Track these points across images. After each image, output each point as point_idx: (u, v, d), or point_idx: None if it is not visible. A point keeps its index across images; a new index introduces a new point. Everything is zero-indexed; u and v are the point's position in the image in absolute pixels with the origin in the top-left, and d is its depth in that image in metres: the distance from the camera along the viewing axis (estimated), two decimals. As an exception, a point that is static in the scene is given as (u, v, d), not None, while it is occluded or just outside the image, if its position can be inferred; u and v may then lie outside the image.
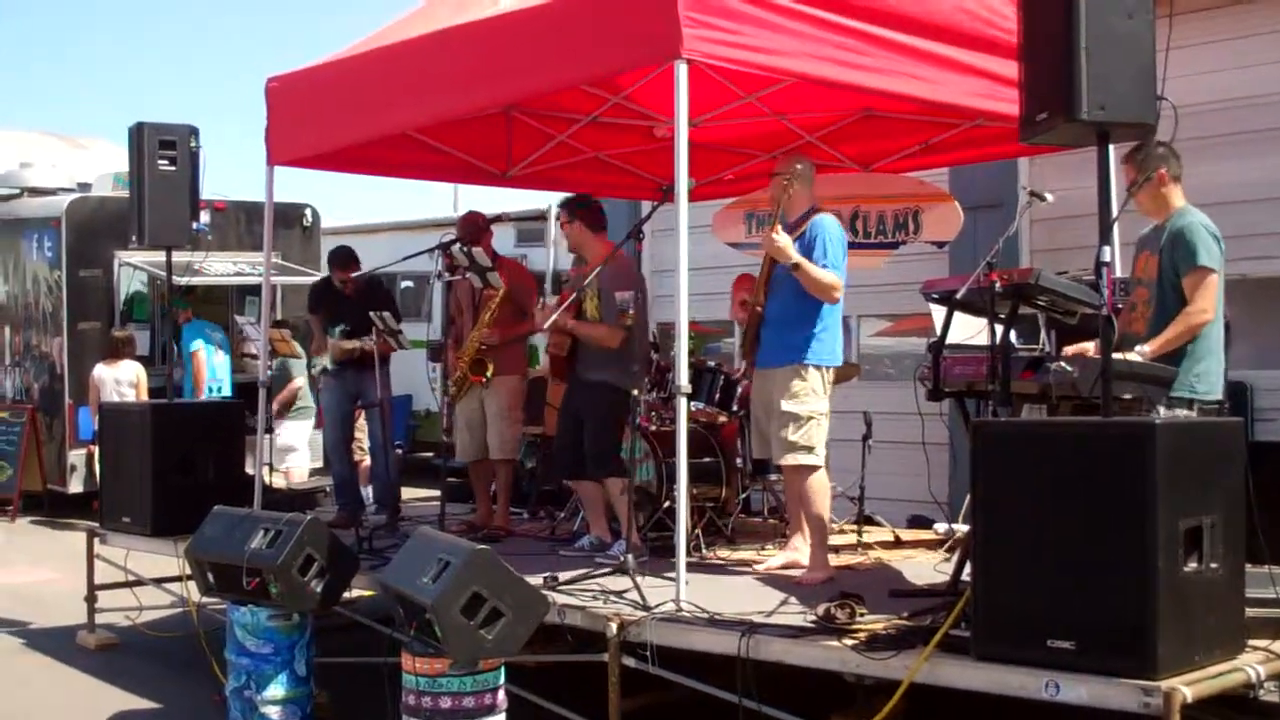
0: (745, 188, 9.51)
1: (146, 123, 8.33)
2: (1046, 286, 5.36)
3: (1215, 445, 4.63)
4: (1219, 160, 8.75)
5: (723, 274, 9.33)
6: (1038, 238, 9.93)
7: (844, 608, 5.26)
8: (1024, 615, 4.48)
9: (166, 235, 8.42)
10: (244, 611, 6.37)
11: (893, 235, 9.09)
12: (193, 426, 8.58)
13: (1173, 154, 5.77)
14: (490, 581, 5.30)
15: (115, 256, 14.05)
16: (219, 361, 13.68)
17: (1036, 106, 4.70)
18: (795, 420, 6.46)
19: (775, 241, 6.34)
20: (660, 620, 5.44)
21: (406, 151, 8.49)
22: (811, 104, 8.12)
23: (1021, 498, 4.55)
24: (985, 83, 6.66)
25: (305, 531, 6.34)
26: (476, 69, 6.67)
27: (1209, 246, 5.65)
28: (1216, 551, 4.44)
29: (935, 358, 5.88)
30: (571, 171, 9.33)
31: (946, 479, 8.21)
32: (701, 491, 7.56)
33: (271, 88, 7.97)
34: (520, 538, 8.11)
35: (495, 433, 8.18)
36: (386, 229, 17.45)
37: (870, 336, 11.76)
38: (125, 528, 8.41)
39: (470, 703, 5.35)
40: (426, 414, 15.84)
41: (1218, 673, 4.39)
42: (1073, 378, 5.08)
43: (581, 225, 7.46)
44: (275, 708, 6.30)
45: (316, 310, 9.22)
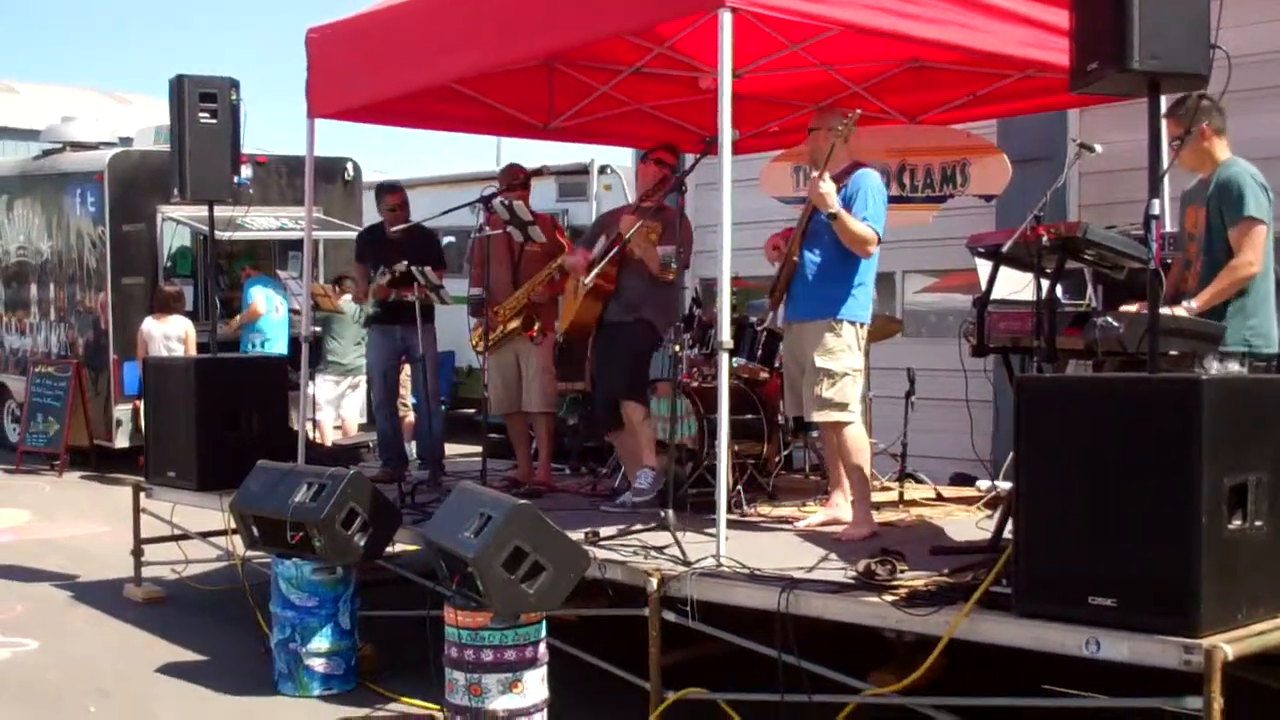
0: (791, 140, 9.40)
1: (187, 75, 8.29)
2: (1094, 240, 5.28)
3: (1263, 401, 4.55)
4: (1271, 112, 8.59)
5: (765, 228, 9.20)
6: (1087, 191, 9.79)
7: (884, 564, 5.24)
8: (1065, 572, 4.44)
9: (208, 189, 8.42)
10: (288, 565, 6.43)
11: (940, 189, 8.98)
12: (237, 381, 8.61)
13: (1216, 107, 5.65)
14: (532, 536, 5.32)
15: (158, 211, 14.09)
16: (278, 318, 13.69)
17: (1087, 56, 4.61)
18: (830, 376, 6.41)
19: (819, 189, 6.27)
20: (700, 575, 5.43)
21: (448, 104, 8.45)
22: (858, 54, 8.01)
23: (1065, 454, 4.50)
24: (1035, 32, 6.56)
25: (348, 486, 6.38)
26: (518, 19, 6.63)
27: (1257, 196, 5.55)
28: (1261, 509, 4.38)
29: (980, 313, 5.82)
30: (614, 123, 9.27)
31: (990, 436, 8.14)
32: (743, 448, 7.54)
33: (312, 39, 7.95)
34: (562, 493, 8.12)
35: (535, 388, 8.18)
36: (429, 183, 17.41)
37: (915, 293, 11.66)
38: (171, 482, 8.47)
39: (512, 655, 5.40)
40: (469, 370, 15.86)
41: (1260, 631, 4.33)
42: (1119, 333, 5.01)
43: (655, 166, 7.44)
44: (320, 660, 6.37)
45: (363, 259, 9.22)
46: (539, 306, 8.03)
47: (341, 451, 10.21)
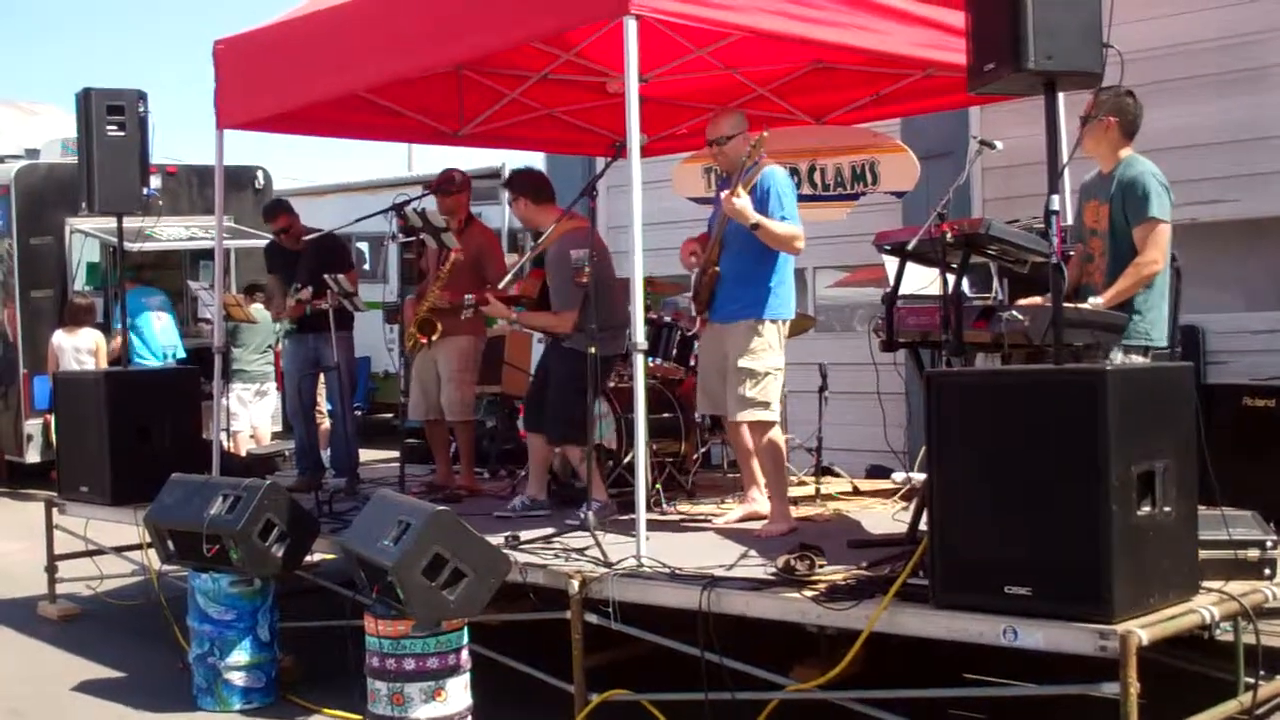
0: (698, 142, 9.43)
1: (94, 88, 8.21)
2: (997, 236, 5.40)
3: (1166, 390, 4.68)
4: (1167, 105, 8.77)
5: (677, 229, 9.27)
6: (989, 186, 9.97)
7: (803, 559, 5.31)
8: (981, 562, 4.54)
9: (117, 201, 8.31)
10: (205, 578, 6.37)
11: (851, 187, 9.12)
12: (149, 393, 8.52)
13: (1132, 110, 5.76)
14: (451, 542, 5.33)
15: (66, 223, 13.91)
16: (160, 327, 13.51)
17: (984, 56, 4.72)
18: (753, 376, 6.48)
19: (734, 204, 6.32)
20: (622, 576, 5.48)
21: (358, 112, 8.42)
22: (762, 57, 8.11)
23: (975, 446, 4.60)
24: (934, 33, 6.69)
25: (265, 496, 6.34)
26: (427, 28, 6.62)
27: (1160, 196, 5.68)
28: (1169, 495, 4.51)
29: (889, 309, 5.91)
30: (524, 129, 9.30)
31: (903, 429, 8.27)
32: (661, 447, 7.60)
33: (219, 50, 7.88)
34: (482, 497, 8.12)
35: (446, 394, 8.17)
36: (339, 190, 17.36)
37: (826, 288, 11.80)
38: (84, 497, 8.37)
39: (434, 663, 5.40)
40: (385, 375, 15.79)
41: (1172, 615, 4.46)
42: (1024, 326, 5.12)
43: (527, 201, 7.37)
44: (239, 673, 6.32)
45: (273, 271, 9.18)
46: (442, 312, 8.01)
47: (257, 461, 10.11)
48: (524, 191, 7.40)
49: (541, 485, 7.43)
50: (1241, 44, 9.00)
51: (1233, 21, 9.01)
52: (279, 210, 8.98)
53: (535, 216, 7.40)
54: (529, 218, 7.45)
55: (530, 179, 7.51)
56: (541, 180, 7.53)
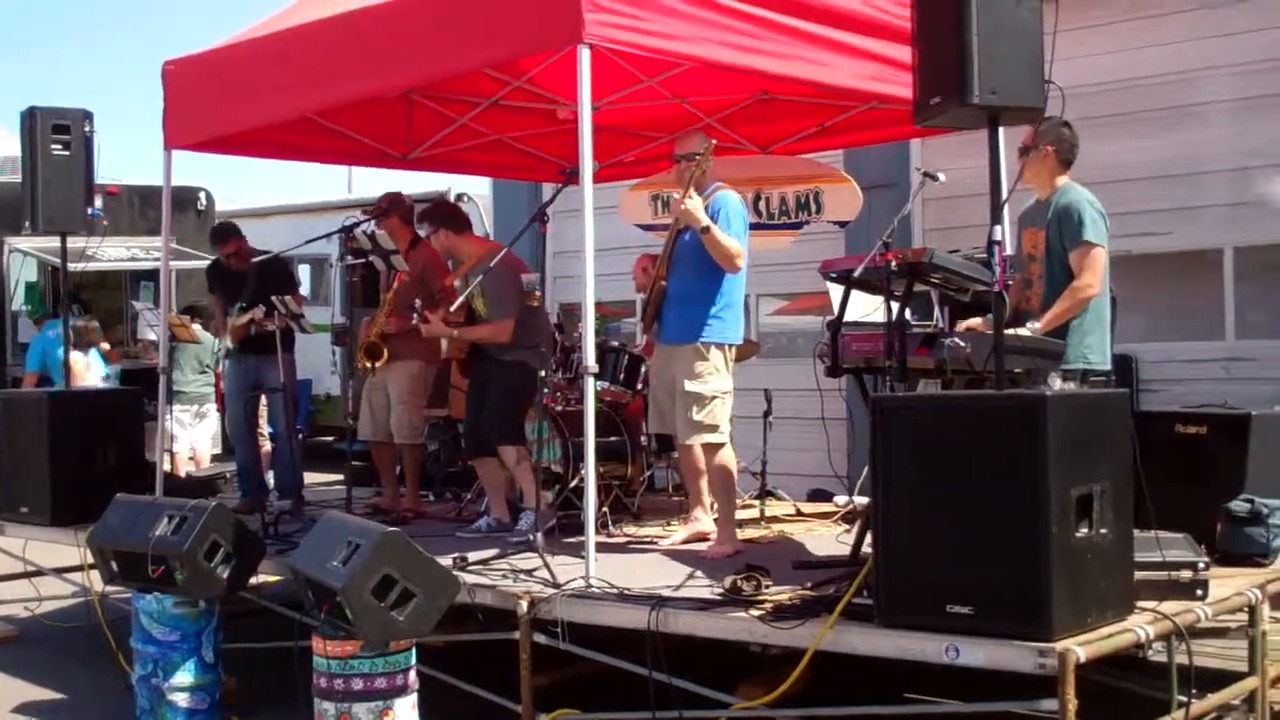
0: (646, 170, 9.60)
1: (39, 107, 8.20)
2: (940, 265, 5.52)
3: (1103, 416, 4.79)
4: (1104, 140, 9.01)
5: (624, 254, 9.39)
6: (930, 217, 10.15)
7: (750, 580, 5.38)
8: (923, 582, 4.62)
9: (61, 220, 8.30)
10: (149, 599, 6.34)
11: (796, 216, 9.26)
12: (91, 414, 8.46)
13: (1069, 141, 5.95)
14: (401, 563, 5.34)
15: (5, 243, 13.79)
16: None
17: (929, 90, 4.83)
18: (699, 400, 6.56)
19: (687, 206, 6.42)
20: (570, 597, 5.52)
21: (306, 135, 8.45)
22: (710, 87, 8.23)
23: (919, 469, 4.69)
24: (879, 66, 6.81)
25: (210, 517, 6.32)
26: (377, 53, 6.67)
27: (1095, 222, 5.84)
28: (1106, 517, 4.61)
29: (834, 335, 6.02)
30: (472, 154, 9.37)
31: (846, 453, 8.38)
32: (608, 470, 7.65)
33: (169, 71, 7.88)
34: (427, 519, 8.14)
35: (395, 417, 8.21)
36: (283, 212, 17.31)
37: (769, 315, 11.93)
38: (23, 518, 8.30)
39: (382, 683, 5.39)
40: (327, 398, 15.76)
41: (1109, 633, 4.56)
42: (966, 353, 5.23)
43: (447, 231, 7.51)
44: (183, 695, 6.28)
45: (214, 290, 9.18)
46: (389, 337, 8.04)
47: (200, 483, 10.05)
48: (444, 223, 7.55)
49: (504, 507, 7.47)
50: (1177, 82, 9.25)
51: (1168, 60, 9.26)
52: (229, 234, 8.97)
53: (456, 245, 7.57)
54: (451, 247, 7.60)
55: (447, 210, 7.73)
56: (457, 210, 7.76)
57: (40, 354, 13.18)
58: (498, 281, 7.12)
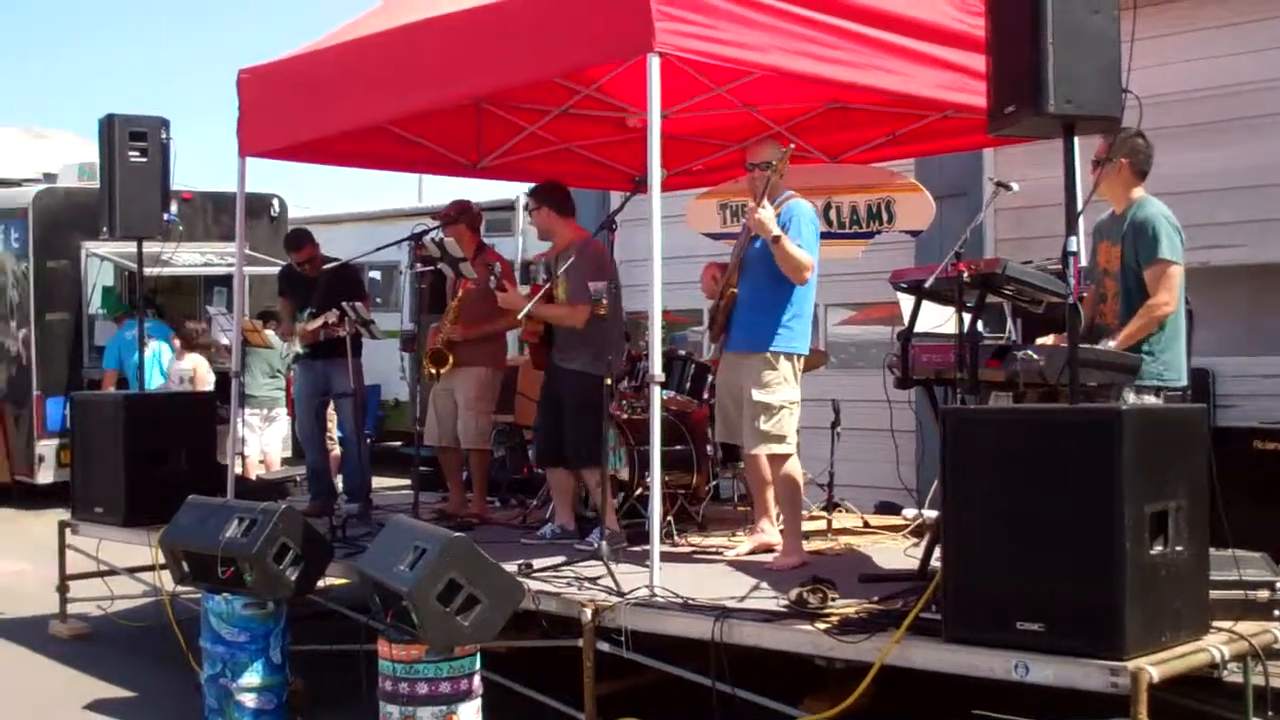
0: (714, 179, 9.58)
1: (117, 114, 8.34)
2: (1013, 276, 5.45)
3: (1179, 431, 4.73)
4: (1181, 150, 8.86)
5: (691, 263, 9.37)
6: (1003, 227, 10.04)
7: (815, 592, 5.34)
8: (993, 598, 4.57)
9: (138, 226, 8.43)
10: (219, 600, 6.40)
11: (867, 225, 9.19)
12: (164, 417, 8.59)
13: (1145, 151, 5.85)
14: (466, 568, 5.36)
15: (82, 247, 14.05)
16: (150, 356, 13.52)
17: (1004, 99, 4.79)
18: (768, 410, 6.53)
19: (759, 215, 6.39)
20: (634, 605, 5.51)
21: (377, 143, 8.51)
22: (780, 96, 8.20)
23: (990, 483, 4.64)
24: (953, 75, 6.75)
25: (280, 520, 6.37)
26: (448, 62, 6.70)
27: (1171, 238, 5.75)
28: (1181, 535, 4.55)
29: (904, 346, 5.96)
30: (542, 162, 9.37)
31: (914, 465, 8.30)
32: (673, 479, 7.63)
33: (244, 79, 7.97)
34: (494, 526, 8.16)
35: (463, 422, 8.24)
36: (353, 219, 17.46)
37: (837, 325, 11.86)
38: (97, 518, 8.43)
39: (446, 688, 5.42)
40: (395, 403, 15.86)
41: (1183, 653, 4.49)
42: (1040, 365, 5.17)
43: (550, 211, 7.47)
44: (251, 695, 6.34)
45: (286, 295, 9.27)
46: (456, 344, 8.09)
47: (270, 486, 10.15)
48: (549, 202, 7.49)
49: (570, 514, 7.47)
50: (1255, 90, 9.09)
51: (1246, 68, 9.10)
52: (304, 241, 9.06)
53: (555, 227, 7.50)
54: (549, 227, 7.54)
55: (557, 191, 7.61)
56: (566, 194, 7.62)
57: (117, 353, 13.40)
58: (581, 268, 7.08)
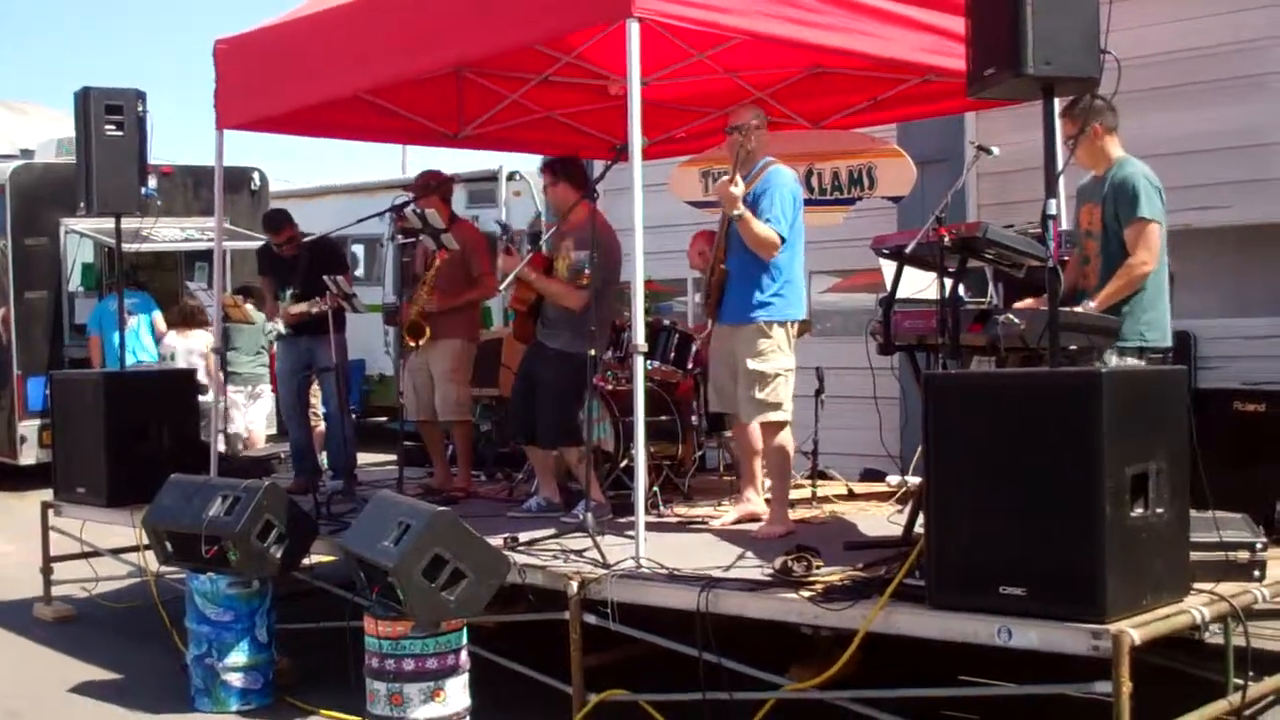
0: (697, 145, 9.54)
1: (93, 88, 8.21)
2: (994, 240, 5.44)
3: (1160, 393, 4.72)
4: (1161, 112, 8.85)
5: (675, 232, 9.35)
6: (985, 192, 10.00)
7: (800, 560, 5.34)
8: (976, 563, 4.57)
9: (115, 201, 8.32)
10: (203, 579, 6.39)
11: (848, 191, 9.18)
12: (146, 395, 8.52)
13: (1108, 106, 5.85)
14: (451, 543, 5.35)
15: (61, 224, 13.94)
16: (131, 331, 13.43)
17: (983, 61, 4.76)
18: (762, 379, 6.51)
19: (728, 190, 6.36)
20: (620, 577, 5.51)
21: (357, 114, 8.44)
22: (761, 61, 8.14)
23: (972, 448, 4.64)
24: (933, 38, 6.72)
25: (263, 498, 6.36)
26: (427, 30, 6.65)
27: (1150, 197, 5.75)
28: (1162, 497, 4.54)
29: (886, 312, 5.95)
30: (523, 131, 9.32)
31: (898, 432, 8.30)
32: (658, 449, 7.62)
33: (220, 50, 7.90)
34: (479, 500, 8.15)
35: (440, 394, 8.23)
36: (335, 192, 17.38)
37: (820, 293, 11.83)
38: (80, 498, 8.37)
39: (433, 664, 5.42)
40: (380, 378, 15.82)
41: (1165, 615, 4.50)
42: (1020, 329, 5.16)
43: (567, 185, 7.39)
44: (237, 674, 6.33)
45: (267, 273, 9.22)
46: (432, 316, 8.07)
47: (254, 463, 10.12)
48: (567, 176, 7.43)
49: (554, 487, 7.46)
50: (1237, 51, 9.05)
51: (1228, 29, 9.06)
52: (283, 222, 8.96)
53: (568, 201, 7.40)
54: (563, 200, 7.45)
55: (576, 167, 7.56)
56: (582, 168, 7.60)
57: (99, 322, 13.26)
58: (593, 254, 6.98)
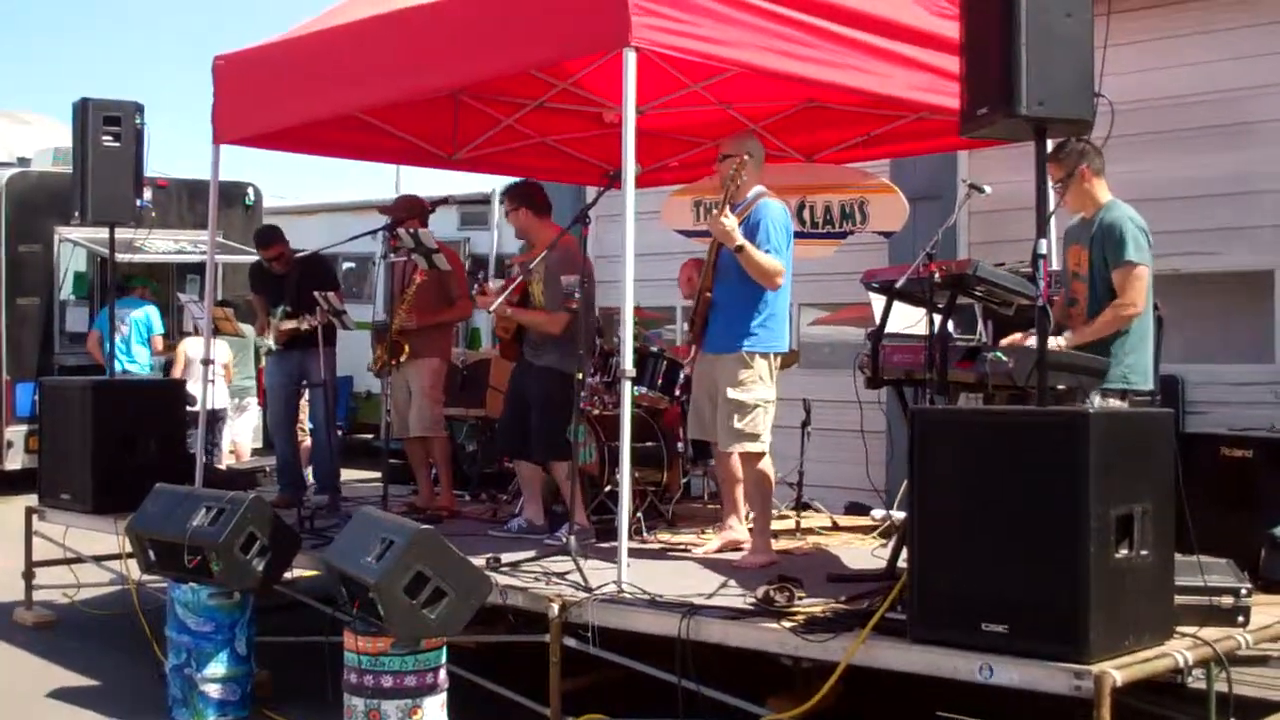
0: (689, 175, 9.59)
1: (91, 98, 8.26)
2: (984, 277, 5.47)
3: (1147, 436, 4.73)
4: (1153, 157, 8.93)
5: (665, 260, 9.40)
6: (975, 230, 10.07)
7: (782, 591, 5.35)
8: (959, 599, 4.57)
9: (110, 211, 8.35)
10: (185, 589, 6.37)
11: (840, 225, 9.21)
12: (134, 404, 8.53)
13: (1093, 149, 5.89)
14: (434, 561, 5.35)
15: (55, 232, 13.97)
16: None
17: (977, 101, 4.79)
18: (741, 409, 6.53)
19: (722, 224, 6.39)
20: (602, 601, 5.50)
21: (353, 132, 8.48)
22: (756, 94, 8.20)
23: (958, 484, 4.64)
24: (928, 76, 6.77)
25: (248, 510, 6.35)
26: (425, 52, 6.69)
27: (1137, 240, 5.79)
28: (1147, 539, 4.55)
29: (875, 346, 5.97)
30: (517, 155, 9.37)
31: (884, 466, 8.32)
32: (643, 475, 7.63)
33: (219, 66, 7.94)
34: (462, 519, 8.15)
35: (415, 410, 8.28)
36: (328, 209, 17.41)
37: (808, 325, 11.87)
38: (65, 505, 8.37)
39: (412, 681, 5.41)
40: (367, 395, 15.81)
41: (1147, 658, 4.50)
42: (1009, 367, 5.18)
43: (528, 211, 7.49)
44: (215, 685, 6.31)
45: (258, 290, 9.23)
46: (410, 333, 8.11)
47: (239, 475, 10.12)
48: (525, 202, 7.50)
49: (538, 508, 7.47)
50: (1230, 99, 9.13)
51: (1221, 77, 9.14)
52: (274, 239, 8.98)
53: (533, 227, 7.51)
54: (527, 228, 7.55)
55: (532, 190, 7.61)
56: (541, 192, 7.63)
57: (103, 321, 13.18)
58: (561, 271, 7.11)
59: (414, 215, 8.27)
